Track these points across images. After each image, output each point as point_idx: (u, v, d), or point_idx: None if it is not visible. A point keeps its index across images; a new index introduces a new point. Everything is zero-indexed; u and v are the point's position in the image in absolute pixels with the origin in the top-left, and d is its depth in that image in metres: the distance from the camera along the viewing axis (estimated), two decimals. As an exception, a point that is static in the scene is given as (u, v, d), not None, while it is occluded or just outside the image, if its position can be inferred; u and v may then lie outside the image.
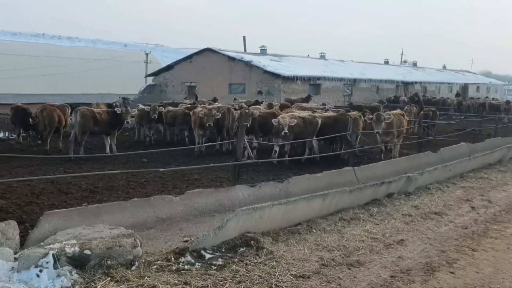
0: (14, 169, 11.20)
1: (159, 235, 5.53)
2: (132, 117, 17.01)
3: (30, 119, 14.66)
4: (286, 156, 12.27)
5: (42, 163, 12.09)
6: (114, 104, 19.68)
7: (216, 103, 20.74)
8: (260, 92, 32.98)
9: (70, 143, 13.44)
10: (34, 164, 11.93)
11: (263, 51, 39.35)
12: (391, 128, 12.31)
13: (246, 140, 7.46)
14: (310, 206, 6.58)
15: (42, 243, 4.37)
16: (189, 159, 13.46)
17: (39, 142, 15.80)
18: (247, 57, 34.26)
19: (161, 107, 16.84)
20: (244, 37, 42.60)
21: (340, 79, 37.07)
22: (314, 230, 6.36)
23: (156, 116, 16.20)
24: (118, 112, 13.98)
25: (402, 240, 6.31)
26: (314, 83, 34.95)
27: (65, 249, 4.21)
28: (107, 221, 5.25)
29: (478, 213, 8.16)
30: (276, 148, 12.56)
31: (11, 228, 4.51)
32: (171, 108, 17.39)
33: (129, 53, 57.64)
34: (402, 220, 7.25)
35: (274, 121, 11.98)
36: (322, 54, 44.98)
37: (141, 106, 17.68)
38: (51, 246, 4.23)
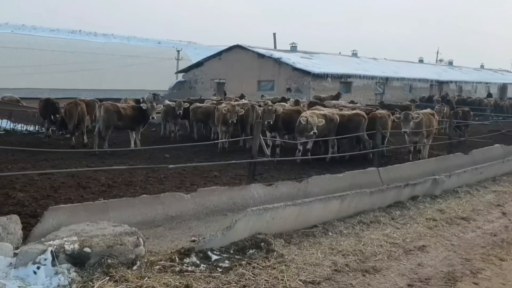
0: (38, 163, 11.31)
1: (167, 233, 5.37)
2: (158, 113, 17.08)
3: (54, 115, 14.85)
4: (309, 154, 11.96)
5: (67, 157, 12.16)
6: (141, 99, 19.75)
7: (243, 100, 20.56)
8: (289, 90, 32.63)
9: (94, 137, 13.54)
10: (59, 157, 12.02)
11: (293, 48, 38.95)
12: (420, 128, 11.83)
13: (262, 137, 7.21)
14: (327, 207, 6.30)
15: (42, 239, 4.26)
16: (212, 156, 13.33)
17: (67, 135, 15.99)
18: (276, 54, 33.97)
19: (186, 103, 16.75)
20: (274, 34, 42.35)
21: (372, 77, 36.32)
22: (330, 233, 6.07)
23: (181, 112, 16.13)
24: (143, 107, 13.97)
25: (423, 246, 5.95)
26: (345, 81, 34.36)
27: (65, 246, 4.09)
28: (114, 217, 5.12)
29: (509, 220, 7.68)
30: (300, 147, 12.28)
31: (13, 223, 4.43)
32: (199, 104, 17.35)
33: (161, 50, 58.16)
34: (425, 224, 6.87)
35: (302, 119, 11.62)
36: (354, 52, 44.21)
37: (167, 101, 17.67)
38: (50, 242, 4.11)
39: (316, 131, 11.41)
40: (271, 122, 12.69)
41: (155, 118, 14.92)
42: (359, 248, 5.64)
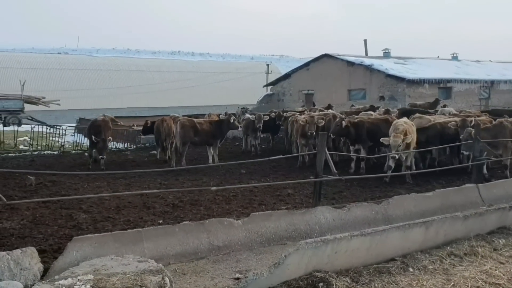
0: (115, 181, 11.23)
1: (209, 268, 4.61)
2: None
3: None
4: (404, 169, 10.61)
5: (145, 174, 12.03)
6: (222, 114, 19.52)
7: (330, 110, 19.49)
8: (382, 98, 30.82)
9: (171, 154, 13.37)
10: (137, 175, 11.92)
11: (386, 54, 36.97)
12: (500, 137, 10.03)
13: (327, 152, 6.23)
14: (407, 237, 5.16)
15: (56, 277, 3.72)
16: (289, 171, 12.50)
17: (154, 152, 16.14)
18: (367, 61, 32.34)
19: (266, 116, 16.13)
20: (365, 41, 40.67)
21: (475, 81, 33.15)
22: (410, 269, 4.92)
23: (261, 125, 15.52)
24: (227, 120, 13.72)
25: (537, 289, 4.60)
26: (444, 86, 31.72)
27: (75, 287, 3.49)
28: (148, 249, 4.50)
29: None
30: (391, 163, 10.77)
31: (28, 257, 3.96)
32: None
33: (251, 65, 58.89)
34: (540, 258, 5.43)
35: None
36: (455, 55, 40.93)
37: (247, 115, 17.20)
38: (60, 282, 3.54)
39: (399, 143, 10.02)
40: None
41: (239, 129, 15.00)
42: (448, 290, 4.46)
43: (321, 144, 6.06)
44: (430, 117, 13.64)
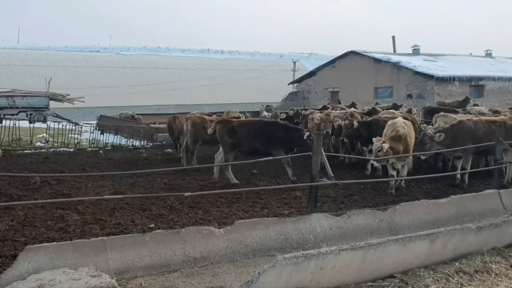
0: (121, 180, 10.94)
1: (179, 282, 4.14)
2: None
3: None
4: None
5: (154, 173, 11.70)
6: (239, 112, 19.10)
7: (352, 109, 18.79)
8: (410, 96, 29.83)
9: (182, 152, 13.00)
10: (144, 174, 11.61)
11: (415, 51, 35.81)
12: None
13: (323, 153, 5.67)
14: (408, 251, 4.58)
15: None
16: (304, 172, 11.92)
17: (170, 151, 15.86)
18: (394, 58, 31.35)
19: (282, 114, 15.63)
20: (393, 37, 39.49)
21: (510, 79, 31.66)
22: (410, 288, 4.35)
23: (277, 123, 15.00)
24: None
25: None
26: (475, 84, 30.42)
27: (10, 306, 3.09)
28: (113, 260, 4.07)
29: None
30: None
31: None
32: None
33: (278, 62, 58.36)
34: None
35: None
36: (488, 52, 39.32)
37: (264, 113, 16.73)
38: (-4, 300, 3.15)
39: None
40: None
41: None
42: (451, 315, 3.87)
43: (317, 144, 5.51)
44: (456, 115, 12.86)
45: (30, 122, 23.34)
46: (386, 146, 8.54)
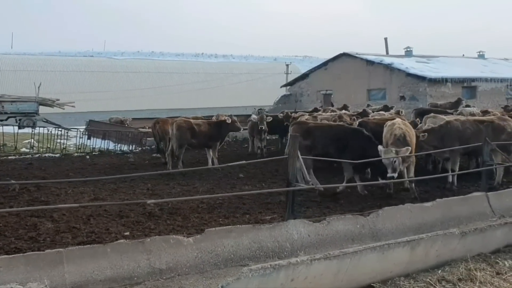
0: (104, 185, 10.66)
1: (141, 297, 3.89)
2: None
3: None
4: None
5: (138, 178, 11.44)
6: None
7: (344, 111, 18.58)
8: (402, 98, 29.63)
9: (167, 157, 12.73)
10: (129, 179, 11.34)
11: (408, 53, 35.67)
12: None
13: (300, 156, 5.41)
14: (387, 259, 4.33)
15: None
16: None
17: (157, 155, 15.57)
18: (387, 60, 31.17)
19: (269, 117, 15.39)
20: (385, 39, 39.36)
21: (502, 80, 31.52)
22: (388, 299, 4.09)
23: (263, 126, 14.78)
24: (228, 121, 12.98)
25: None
26: (468, 85, 30.26)
27: None
28: (70, 273, 3.80)
29: None
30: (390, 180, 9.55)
31: None
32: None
33: (272, 65, 58.32)
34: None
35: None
36: (481, 53, 39.25)
37: (253, 116, 16.48)
38: None
39: None
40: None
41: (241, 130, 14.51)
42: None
43: (293, 147, 5.24)
44: (446, 117, 12.66)
45: (19, 128, 22.97)
46: (405, 150, 8.14)
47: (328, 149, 9.73)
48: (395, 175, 8.09)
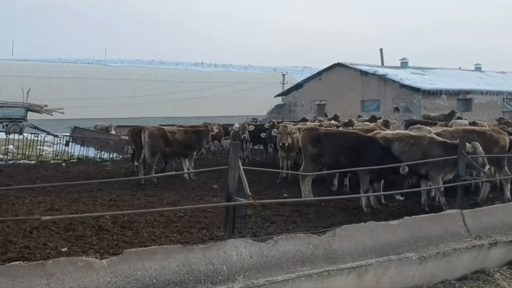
0: (67, 194, 10.07)
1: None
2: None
3: None
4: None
5: (107, 187, 10.89)
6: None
7: (332, 121, 18.05)
8: (396, 109, 29.15)
9: (139, 165, 12.15)
10: (97, 188, 10.78)
11: (404, 64, 35.26)
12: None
13: (241, 167, 4.84)
14: None
15: None
16: (266, 188, 11.09)
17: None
18: (381, 71, 30.72)
19: (251, 126, 14.85)
20: (381, 50, 38.99)
21: (498, 93, 31.02)
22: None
23: (246, 136, 14.24)
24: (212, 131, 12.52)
25: None
26: (463, 98, 29.76)
27: None
28: None
29: None
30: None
31: None
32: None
33: (268, 75, 57.98)
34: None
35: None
36: (478, 66, 38.81)
37: (236, 125, 15.95)
38: None
39: None
40: (286, 144, 10.75)
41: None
42: None
43: (234, 157, 4.68)
44: (431, 128, 12.13)
45: (6, 134, 22.43)
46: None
47: (339, 158, 8.99)
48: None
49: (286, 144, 10.69)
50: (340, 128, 11.71)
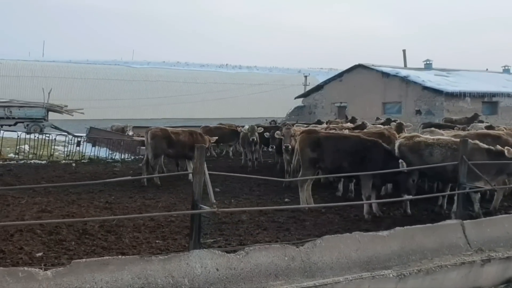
0: (66, 196, 9.96)
1: None
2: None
3: None
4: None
5: (107, 188, 10.75)
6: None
7: (349, 124, 17.55)
8: (418, 112, 28.29)
9: (142, 167, 11.98)
10: (99, 189, 10.66)
11: (427, 66, 34.29)
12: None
13: (207, 172, 4.52)
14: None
15: None
16: (269, 192, 10.74)
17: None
18: (403, 72, 29.86)
19: (260, 128, 14.49)
20: (404, 51, 38.05)
21: (526, 95, 29.80)
22: None
23: (254, 138, 13.89)
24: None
25: None
26: (489, 101, 28.65)
27: None
28: None
29: None
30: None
31: None
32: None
33: (291, 76, 57.63)
34: None
35: None
36: (506, 67, 37.48)
37: (245, 126, 15.62)
38: None
39: None
40: (289, 147, 10.40)
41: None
42: None
43: (199, 161, 4.36)
44: (444, 131, 11.59)
45: (27, 133, 22.76)
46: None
47: (340, 163, 8.55)
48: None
49: (290, 147, 10.32)
50: (346, 131, 11.23)
